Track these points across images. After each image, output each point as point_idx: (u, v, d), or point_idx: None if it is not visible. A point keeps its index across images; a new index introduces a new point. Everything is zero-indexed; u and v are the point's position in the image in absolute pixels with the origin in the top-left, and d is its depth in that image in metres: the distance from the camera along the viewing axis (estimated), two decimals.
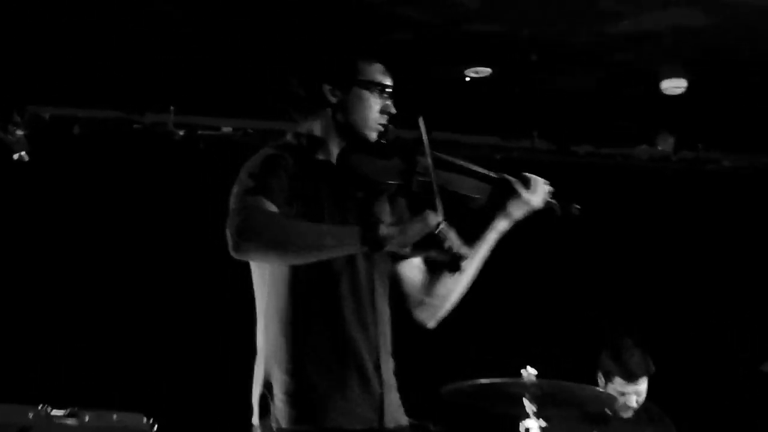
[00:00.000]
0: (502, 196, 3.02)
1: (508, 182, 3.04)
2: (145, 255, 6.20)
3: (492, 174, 3.03)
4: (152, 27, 5.58)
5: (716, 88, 6.52)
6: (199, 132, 6.36)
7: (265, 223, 2.69)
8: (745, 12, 5.54)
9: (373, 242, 2.69)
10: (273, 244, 2.69)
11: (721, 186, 7.21)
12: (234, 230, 2.70)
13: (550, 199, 3.09)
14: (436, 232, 2.68)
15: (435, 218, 2.69)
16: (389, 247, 2.70)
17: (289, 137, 3.01)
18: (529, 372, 4.01)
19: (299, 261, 2.78)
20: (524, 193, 3.02)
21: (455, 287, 3.08)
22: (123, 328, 6.06)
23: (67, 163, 6.17)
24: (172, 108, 6.28)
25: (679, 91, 6.40)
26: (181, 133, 6.31)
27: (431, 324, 3.13)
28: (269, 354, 2.87)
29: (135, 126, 6.25)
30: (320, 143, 2.98)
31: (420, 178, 2.86)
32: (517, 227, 3.13)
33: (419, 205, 2.80)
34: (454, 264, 2.72)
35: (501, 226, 3.09)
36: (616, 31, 5.78)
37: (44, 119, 6.11)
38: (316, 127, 3.01)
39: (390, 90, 3.00)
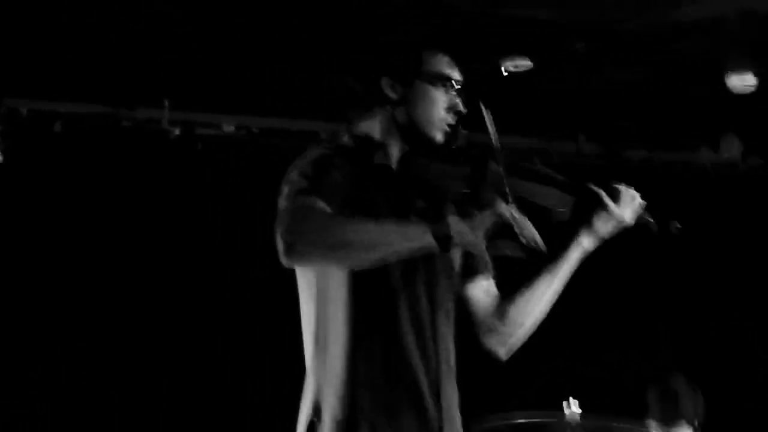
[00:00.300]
0: (587, 209, 2.89)
1: (595, 194, 2.87)
2: (137, 268, 6.08)
3: (575, 184, 2.89)
4: (144, 10, 5.36)
5: None
6: (197, 130, 6.20)
7: (323, 222, 2.60)
8: None
9: (443, 237, 2.56)
10: (332, 244, 2.59)
11: None
12: (286, 232, 2.59)
13: (644, 215, 2.93)
14: (509, 220, 2.58)
15: (506, 206, 2.59)
16: (460, 243, 2.60)
17: (344, 138, 2.90)
18: (573, 407, 3.89)
19: (362, 263, 2.66)
20: (613, 207, 2.85)
21: (531, 311, 2.95)
22: (109, 337, 5.98)
23: (47, 165, 6.01)
24: (166, 102, 6.10)
25: (748, 89, 6.16)
26: (177, 131, 6.13)
27: (503, 353, 3.00)
28: (320, 377, 2.78)
29: (124, 123, 6.09)
30: (379, 145, 2.86)
31: (491, 187, 2.72)
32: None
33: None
34: (532, 258, 2.66)
35: (586, 243, 2.92)
36: (675, 17, 5.56)
37: (21, 114, 5.95)
38: (374, 127, 2.88)
39: (459, 85, 2.85)
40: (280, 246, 2.60)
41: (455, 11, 5.49)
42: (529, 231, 2.61)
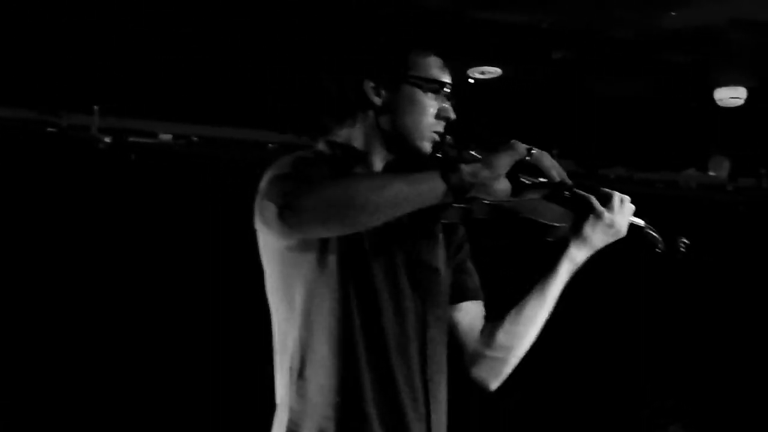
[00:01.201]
0: (577, 217, 2.82)
1: (582, 198, 2.79)
2: (58, 288, 5.80)
3: (562, 189, 2.79)
4: (72, 8, 5.25)
5: None
6: (131, 139, 5.95)
7: (320, 181, 2.49)
8: None
9: (458, 181, 2.44)
10: (332, 202, 2.46)
11: None
12: (279, 196, 2.48)
13: (647, 229, 2.88)
14: (527, 159, 2.48)
15: (523, 145, 2.50)
16: (478, 186, 2.48)
17: (321, 146, 2.79)
18: None
19: (367, 220, 2.51)
20: (603, 211, 2.77)
21: (521, 334, 2.86)
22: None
23: None
24: (96, 108, 5.82)
25: (737, 103, 6.21)
26: (108, 139, 5.87)
27: (493, 384, 2.88)
28: (297, 412, 2.64)
29: (49, 130, 5.82)
30: (360, 155, 2.76)
31: (485, 201, 2.61)
32: None
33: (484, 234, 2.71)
34: (560, 191, 2.59)
35: (576, 255, 2.83)
36: (661, 24, 5.55)
37: None
38: (356, 135, 2.77)
39: (449, 90, 2.76)
40: (272, 213, 2.48)
41: (422, 13, 5.46)
42: (553, 166, 2.53)
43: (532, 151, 2.49)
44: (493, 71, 5.91)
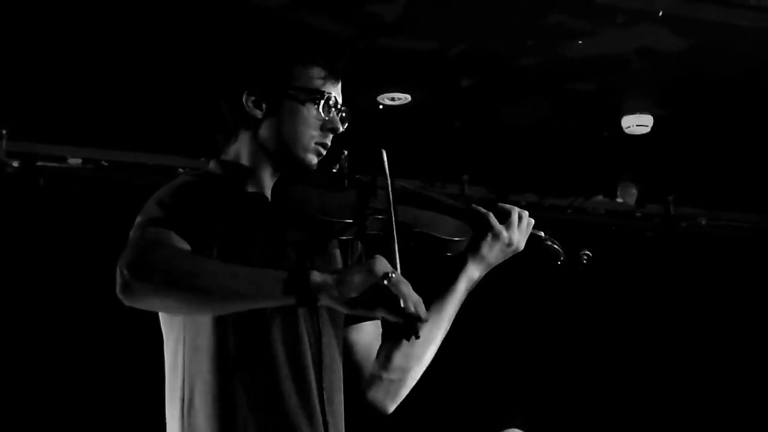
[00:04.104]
0: (474, 234, 2.80)
1: (480, 215, 2.80)
2: None
3: (459, 205, 2.83)
4: None
5: (690, 127, 6.43)
6: (39, 163, 5.94)
7: (166, 258, 2.40)
8: (727, 34, 5.36)
9: (303, 293, 2.36)
10: (171, 285, 2.38)
11: (698, 250, 7.24)
12: (125, 265, 2.37)
13: (547, 241, 2.91)
14: (384, 283, 2.34)
15: (383, 266, 2.38)
16: (324, 301, 2.38)
17: (211, 166, 2.72)
18: None
19: (204, 311, 2.49)
20: (500, 229, 2.79)
21: (418, 357, 2.82)
22: None
23: None
24: (3, 132, 5.84)
25: (643, 130, 6.26)
26: (16, 164, 5.89)
27: (390, 406, 2.83)
28: None
29: None
30: (248, 172, 2.70)
31: (379, 216, 2.60)
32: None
33: (378, 252, 2.51)
34: (409, 328, 2.36)
35: (473, 273, 2.82)
36: (569, 53, 5.52)
37: None
38: (242, 152, 2.71)
39: (334, 101, 2.68)
40: (117, 280, 2.40)
41: (332, 39, 5.41)
42: (409, 296, 2.39)
43: (391, 276, 2.38)
44: (403, 98, 5.90)
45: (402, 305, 2.34)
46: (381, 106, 5.95)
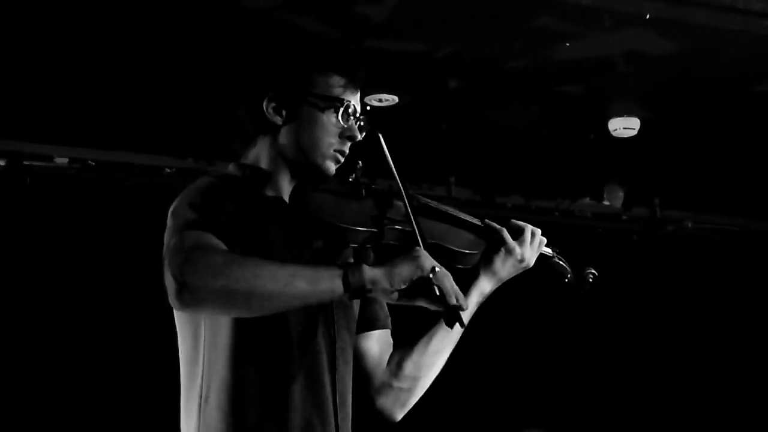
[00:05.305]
0: (487, 249, 2.85)
1: (495, 231, 2.85)
2: None
3: (474, 221, 2.86)
4: None
5: (677, 130, 6.46)
6: (26, 162, 5.90)
7: (224, 263, 2.41)
8: (714, 37, 5.37)
9: (357, 286, 2.42)
10: (233, 289, 2.40)
11: (684, 252, 7.23)
12: (178, 274, 2.38)
13: (555, 258, 2.95)
14: (430, 276, 2.44)
15: (429, 260, 2.46)
16: (375, 294, 2.47)
17: (231, 168, 2.77)
18: None
19: (264, 311, 2.48)
20: (515, 246, 2.83)
21: (429, 365, 2.86)
22: None
23: None
24: None
25: (630, 133, 6.25)
26: (2, 162, 5.87)
27: (398, 414, 2.87)
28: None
29: None
30: (267, 176, 2.73)
31: (396, 226, 2.64)
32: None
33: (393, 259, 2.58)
34: (451, 316, 2.45)
35: (485, 286, 2.87)
36: (556, 55, 5.54)
37: None
38: (262, 156, 2.74)
39: (353, 109, 2.71)
40: (172, 288, 2.40)
41: (320, 41, 5.42)
42: (451, 288, 2.48)
43: (436, 269, 2.46)
44: (390, 99, 5.90)
45: (446, 297, 2.43)
46: (368, 107, 5.71)
